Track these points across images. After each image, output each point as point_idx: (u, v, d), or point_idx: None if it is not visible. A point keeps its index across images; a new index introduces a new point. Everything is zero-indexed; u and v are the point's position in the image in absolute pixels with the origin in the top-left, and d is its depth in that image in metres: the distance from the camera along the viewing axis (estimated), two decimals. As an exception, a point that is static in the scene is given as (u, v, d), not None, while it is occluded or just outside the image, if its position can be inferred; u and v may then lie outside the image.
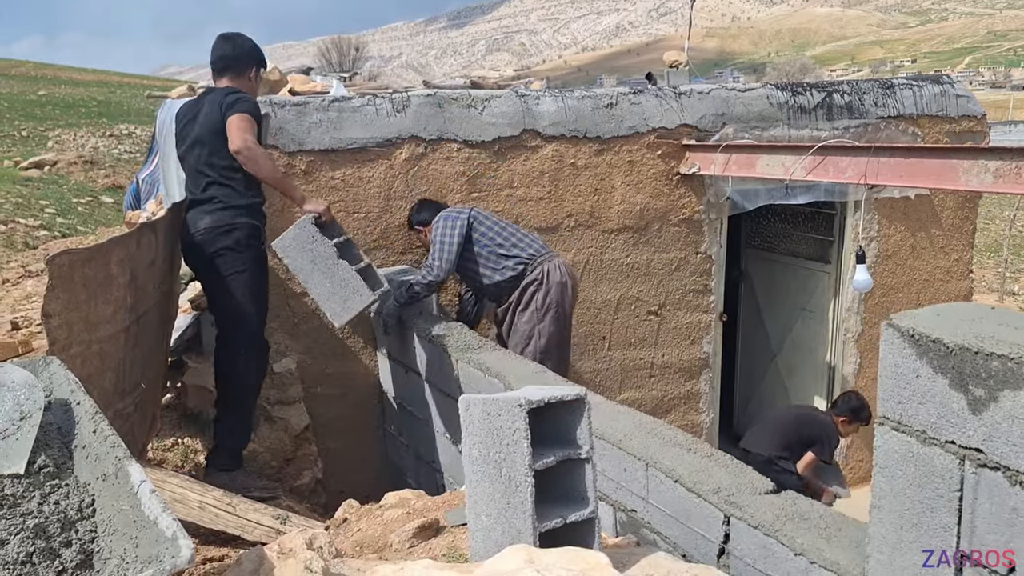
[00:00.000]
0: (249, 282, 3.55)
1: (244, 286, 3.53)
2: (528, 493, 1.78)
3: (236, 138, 3.40)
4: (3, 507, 1.75)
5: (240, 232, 3.51)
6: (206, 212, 3.53)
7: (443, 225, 4.03)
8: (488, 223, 4.09)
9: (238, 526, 2.67)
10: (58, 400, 2.04)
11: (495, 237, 4.06)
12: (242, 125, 3.44)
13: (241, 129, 3.42)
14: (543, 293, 3.98)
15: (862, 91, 5.49)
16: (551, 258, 4.11)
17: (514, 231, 4.13)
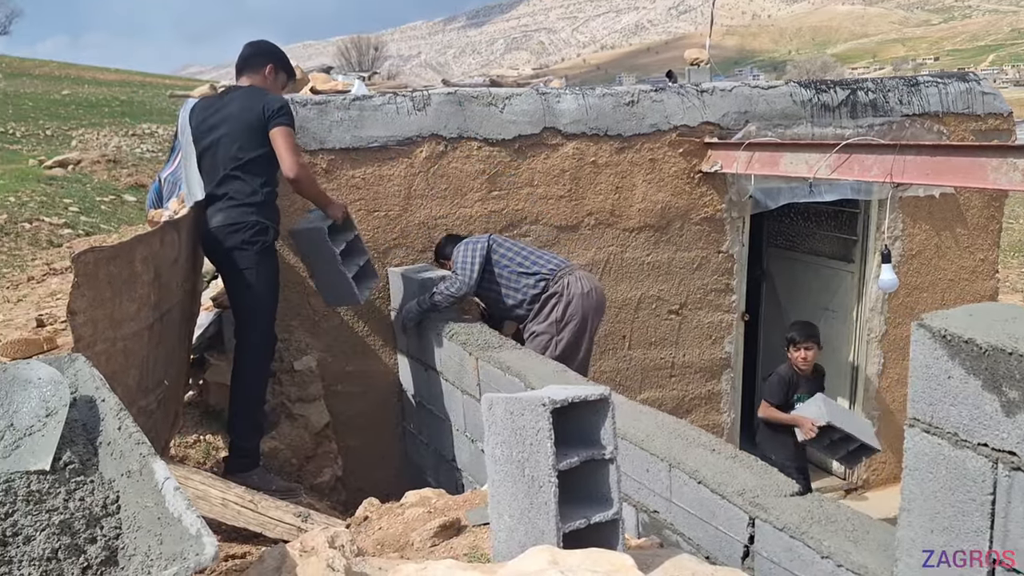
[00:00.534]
0: (257, 279, 3.55)
1: (253, 283, 3.54)
2: (552, 494, 1.76)
3: (290, 163, 3.50)
4: (29, 503, 1.76)
5: (250, 230, 3.52)
6: (219, 209, 3.55)
7: (464, 250, 4.11)
8: (507, 246, 4.17)
9: (260, 523, 2.67)
10: (83, 397, 2.04)
11: (514, 257, 4.12)
12: (290, 144, 3.53)
13: (291, 150, 3.52)
14: (563, 305, 3.97)
15: (887, 89, 5.43)
16: (572, 271, 4.10)
17: (532, 251, 4.19)
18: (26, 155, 16.12)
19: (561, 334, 3.96)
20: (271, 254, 3.62)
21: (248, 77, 3.76)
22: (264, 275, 3.58)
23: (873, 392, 5.73)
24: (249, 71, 3.77)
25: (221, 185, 3.58)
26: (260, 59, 3.78)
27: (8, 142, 17.64)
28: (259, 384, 3.67)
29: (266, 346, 3.69)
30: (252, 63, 3.77)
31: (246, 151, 3.54)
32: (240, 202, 3.52)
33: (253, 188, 3.54)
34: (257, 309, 3.60)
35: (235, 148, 3.56)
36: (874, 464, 5.86)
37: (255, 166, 3.54)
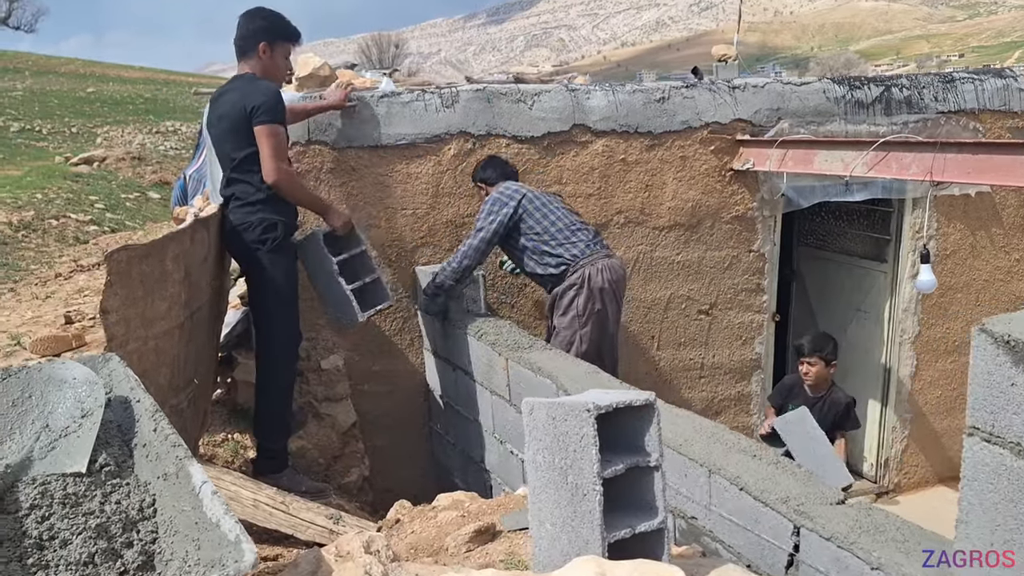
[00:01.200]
0: (273, 277, 3.47)
1: (268, 281, 3.47)
2: (597, 502, 1.71)
3: (268, 167, 3.35)
4: (65, 506, 1.74)
5: (257, 228, 3.42)
6: (230, 210, 3.49)
7: (488, 209, 4.00)
8: (538, 215, 4.00)
9: (291, 525, 2.65)
10: (118, 397, 2.02)
11: (542, 233, 3.98)
12: (272, 145, 3.35)
13: (272, 151, 3.35)
14: (584, 298, 3.89)
15: (921, 85, 5.32)
16: (595, 261, 3.95)
17: (564, 227, 4.01)
18: (52, 152, 16.27)
19: (585, 328, 3.91)
20: (284, 251, 3.52)
21: (245, 63, 3.55)
22: (279, 272, 3.48)
23: (906, 394, 5.63)
24: (244, 58, 3.55)
25: (227, 187, 3.53)
26: (251, 40, 3.51)
27: (34, 139, 17.82)
28: (284, 384, 3.60)
29: (289, 345, 3.62)
30: (244, 48, 3.53)
31: (237, 150, 3.43)
32: (244, 202, 3.44)
33: (255, 186, 3.43)
34: (276, 307, 3.52)
35: (228, 148, 3.48)
36: (905, 468, 5.76)
37: (250, 163, 3.42)
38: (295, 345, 3.68)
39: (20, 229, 9.45)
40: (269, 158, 3.34)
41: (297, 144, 4.12)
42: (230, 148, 3.46)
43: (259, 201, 3.42)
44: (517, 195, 4.01)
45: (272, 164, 3.34)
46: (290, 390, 3.66)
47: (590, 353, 3.93)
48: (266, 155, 3.34)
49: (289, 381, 3.64)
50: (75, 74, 35.87)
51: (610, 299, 3.97)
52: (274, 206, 3.45)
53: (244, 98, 3.37)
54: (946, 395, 5.73)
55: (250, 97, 3.36)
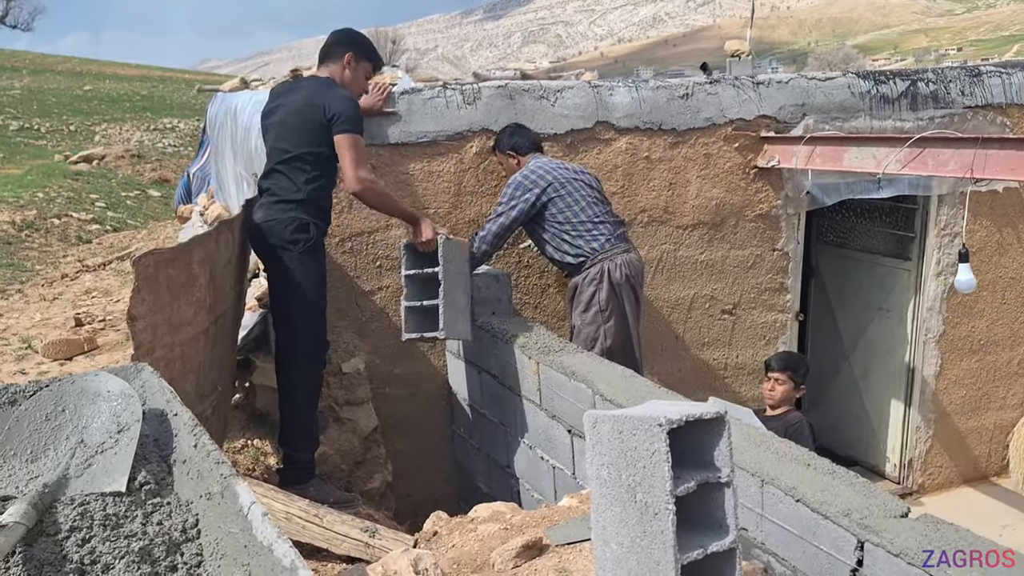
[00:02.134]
0: (302, 280, 3.36)
1: (296, 284, 3.36)
2: (669, 522, 1.62)
3: (351, 176, 3.31)
4: (107, 528, 1.64)
5: (289, 227, 3.33)
6: (261, 205, 3.41)
7: (511, 193, 3.93)
8: (562, 204, 3.91)
9: (325, 539, 2.55)
10: (153, 410, 1.92)
11: (564, 223, 3.91)
12: (355, 156, 3.32)
13: (355, 162, 3.31)
14: (605, 293, 3.84)
15: (948, 79, 5.22)
16: (614, 256, 3.91)
17: (587, 218, 3.92)
18: (51, 150, 16.15)
19: (608, 323, 3.85)
20: (315, 253, 3.42)
21: (326, 67, 3.57)
22: (308, 275, 3.37)
23: (930, 394, 5.54)
24: (329, 60, 3.57)
25: (267, 178, 3.45)
26: (339, 48, 3.57)
27: (33, 137, 17.70)
28: (310, 392, 3.49)
29: (316, 352, 3.51)
30: (332, 52, 3.57)
31: (296, 146, 3.37)
32: (280, 198, 3.36)
33: (296, 184, 3.36)
34: (302, 312, 3.40)
35: (284, 141, 3.42)
36: (930, 469, 5.68)
37: (302, 163, 3.36)
38: (322, 352, 3.56)
39: (23, 228, 9.35)
40: (352, 167, 3.31)
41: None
42: (288, 142, 3.38)
43: (295, 201, 3.34)
44: (543, 181, 3.92)
45: (355, 173, 3.31)
46: (316, 398, 3.55)
47: (615, 349, 3.87)
48: (349, 164, 3.31)
49: (315, 389, 3.53)
50: (72, 72, 35.70)
51: (629, 293, 3.92)
52: (310, 208, 3.37)
53: (323, 99, 3.34)
54: (971, 394, 5.65)
55: (332, 102, 3.33)
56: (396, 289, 4.29)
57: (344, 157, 3.31)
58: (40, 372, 4.21)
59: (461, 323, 3.63)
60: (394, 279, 4.26)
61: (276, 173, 3.40)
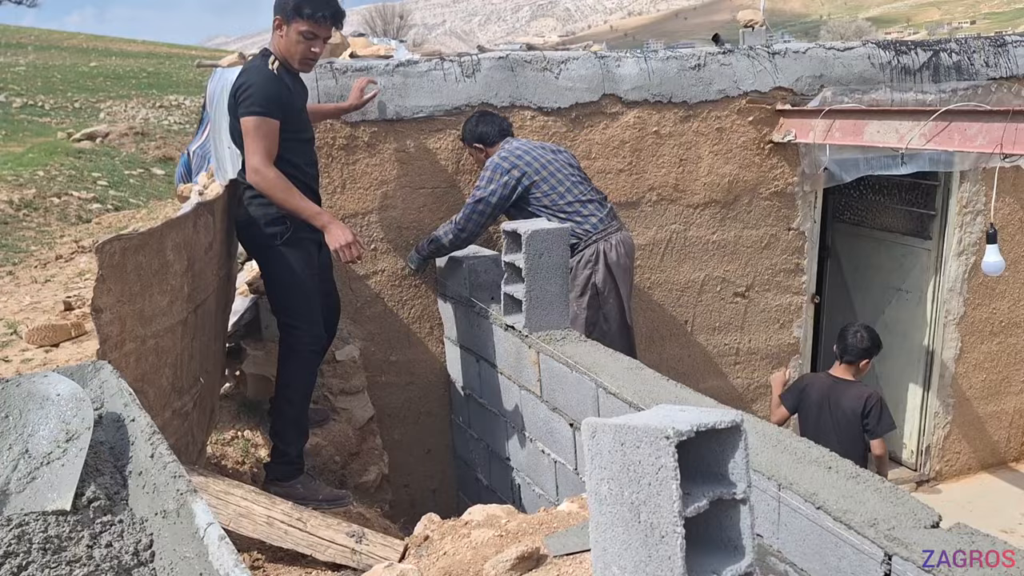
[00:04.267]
0: (284, 273, 3.16)
1: (280, 278, 3.18)
2: (678, 545, 1.44)
3: (249, 163, 3.01)
4: (46, 553, 1.46)
5: (262, 223, 3.10)
6: (245, 201, 3.18)
7: (489, 176, 3.72)
8: (546, 186, 3.70)
9: (309, 544, 2.39)
10: (110, 414, 1.75)
11: (550, 206, 3.70)
12: (249, 143, 2.99)
13: (252, 149, 2.99)
14: (601, 276, 3.66)
15: (971, 50, 4.96)
16: (608, 235, 3.72)
17: (574, 199, 3.72)
18: (55, 128, 16.00)
19: (606, 306, 3.68)
20: (298, 245, 3.14)
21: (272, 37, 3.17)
22: (292, 269, 3.14)
23: (949, 378, 5.34)
24: (273, 30, 3.16)
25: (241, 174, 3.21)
26: (275, 12, 3.10)
27: (37, 115, 17.53)
28: (303, 385, 3.27)
29: (309, 344, 3.26)
30: (274, 21, 3.13)
31: (237, 137, 3.13)
32: (253, 194, 3.11)
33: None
34: (292, 307, 3.20)
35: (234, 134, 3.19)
36: (947, 455, 5.49)
37: None
38: (316, 343, 3.30)
39: (21, 208, 9.20)
40: (249, 150, 3.00)
41: (307, 118, 3.81)
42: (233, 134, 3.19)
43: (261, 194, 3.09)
44: (522, 163, 3.72)
45: (250, 159, 3.00)
46: (309, 391, 3.32)
47: (614, 332, 3.71)
48: (247, 145, 3.00)
49: (309, 382, 3.30)
50: (78, 48, 35.48)
51: (624, 274, 3.75)
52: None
53: (239, 84, 3.04)
54: (991, 378, 5.44)
55: (236, 82, 3.04)
56: (391, 273, 4.10)
57: (246, 138, 3.00)
58: (23, 360, 4.05)
59: (553, 314, 3.39)
60: (389, 263, 4.08)
61: (242, 170, 3.15)
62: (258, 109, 2.97)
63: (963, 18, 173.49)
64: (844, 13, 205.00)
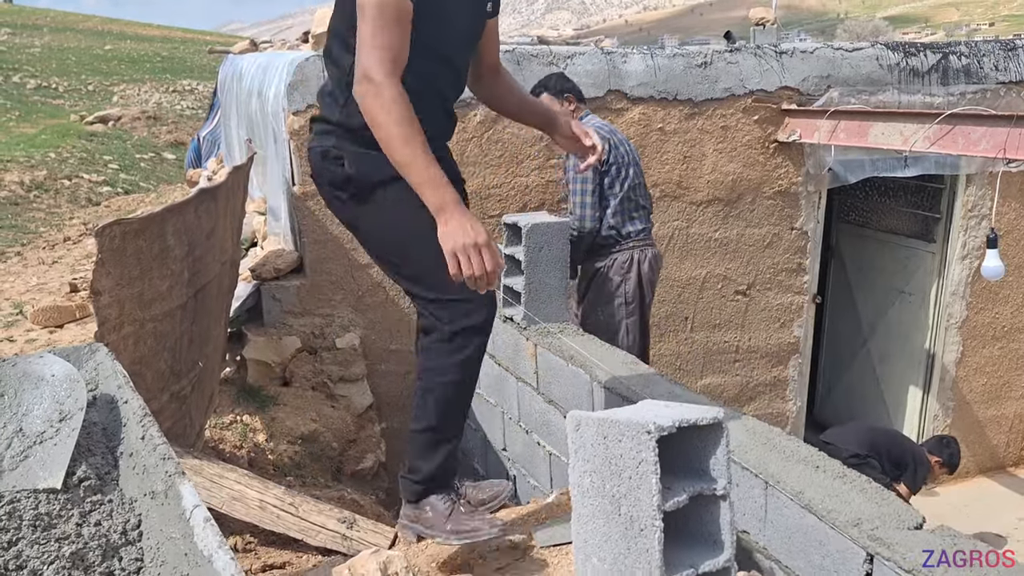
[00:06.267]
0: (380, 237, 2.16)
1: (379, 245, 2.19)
2: (655, 539, 1.46)
3: (360, 64, 1.86)
4: (36, 529, 1.50)
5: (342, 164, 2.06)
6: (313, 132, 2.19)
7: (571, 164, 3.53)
8: (622, 176, 3.55)
9: (300, 529, 2.42)
10: (104, 396, 1.78)
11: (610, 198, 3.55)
12: (371, 30, 1.84)
13: (369, 41, 1.84)
14: (633, 285, 3.59)
15: (981, 53, 4.95)
16: (644, 248, 3.62)
17: (637, 196, 3.61)
18: (68, 110, 16.07)
19: (632, 317, 3.62)
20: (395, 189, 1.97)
21: None
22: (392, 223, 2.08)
23: (949, 382, 5.34)
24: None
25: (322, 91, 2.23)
26: None
27: (51, 96, 17.62)
28: (449, 384, 2.22)
29: (457, 322, 2.12)
30: None
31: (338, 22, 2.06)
32: (325, 118, 2.12)
33: (336, 93, 2.07)
34: (414, 275, 2.14)
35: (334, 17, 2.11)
36: (946, 458, 5.48)
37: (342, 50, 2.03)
38: (472, 320, 2.13)
39: (32, 189, 9.26)
40: (363, 42, 1.90)
41: (313, 107, 3.83)
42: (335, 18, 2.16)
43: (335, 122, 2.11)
44: (613, 138, 3.54)
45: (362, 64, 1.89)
46: (463, 395, 2.27)
47: (637, 343, 3.66)
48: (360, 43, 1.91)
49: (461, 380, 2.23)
50: (93, 31, 35.57)
51: (649, 290, 3.70)
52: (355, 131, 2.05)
53: None
54: (992, 383, 5.44)
55: None
56: (394, 262, 4.13)
57: (362, 21, 1.87)
58: (28, 340, 4.10)
59: (551, 307, 3.36)
60: (392, 252, 4.10)
61: (331, 80, 2.14)
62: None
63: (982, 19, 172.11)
64: (862, 12, 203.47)
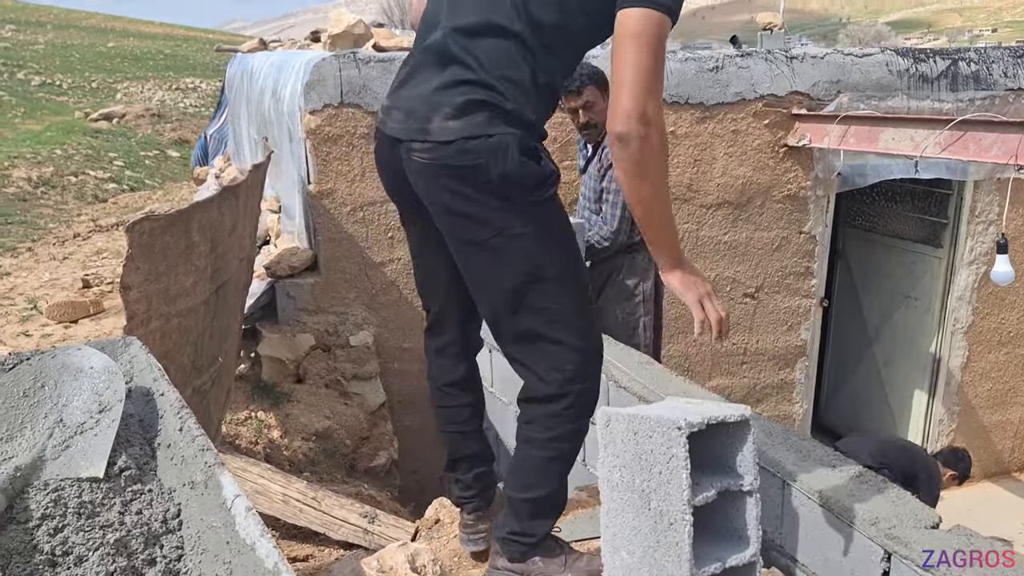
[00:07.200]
0: (549, 251, 1.81)
1: (533, 261, 1.79)
2: (686, 533, 1.49)
3: (638, 94, 1.59)
4: (81, 517, 1.53)
5: (539, 160, 1.77)
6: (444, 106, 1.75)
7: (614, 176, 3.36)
8: None
9: (323, 523, 2.46)
10: (139, 388, 1.81)
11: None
12: (641, 56, 1.60)
13: (638, 71, 1.60)
14: (650, 285, 3.63)
15: (990, 60, 4.98)
16: None
17: None
18: (72, 107, 16.11)
19: (649, 315, 3.66)
20: (558, 206, 1.85)
21: None
22: (560, 239, 1.85)
23: (955, 386, 5.37)
24: None
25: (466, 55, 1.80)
26: None
27: (55, 93, 17.66)
28: (571, 449, 1.90)
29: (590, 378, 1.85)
30: None
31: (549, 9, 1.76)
32: (508, 112, 1.76)
33: (525, 90, 1.78)
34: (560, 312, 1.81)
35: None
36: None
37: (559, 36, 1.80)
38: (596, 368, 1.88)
39: (39, 185, 9.30)
40: (633, 82, 1.63)
41: (329, 107, 3.88)
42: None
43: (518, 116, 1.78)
44: None
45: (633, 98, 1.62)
46: (576, 452, 1.92)
47: (654, 342, 3.70)
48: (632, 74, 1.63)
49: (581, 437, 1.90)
50: (96, 28, 35.64)
51: (665, 290, 3.74)
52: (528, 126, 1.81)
53: None
54: (997, 388, 5.48)
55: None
56: (407, 261, 4.15)
57: (629, 47, 1.62)
58: (44, 335, 4.13)
59: None
60: (405, 251, 4.12)
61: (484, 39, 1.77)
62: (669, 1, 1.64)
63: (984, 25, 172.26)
64: (864, 16, 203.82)
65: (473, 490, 2.23)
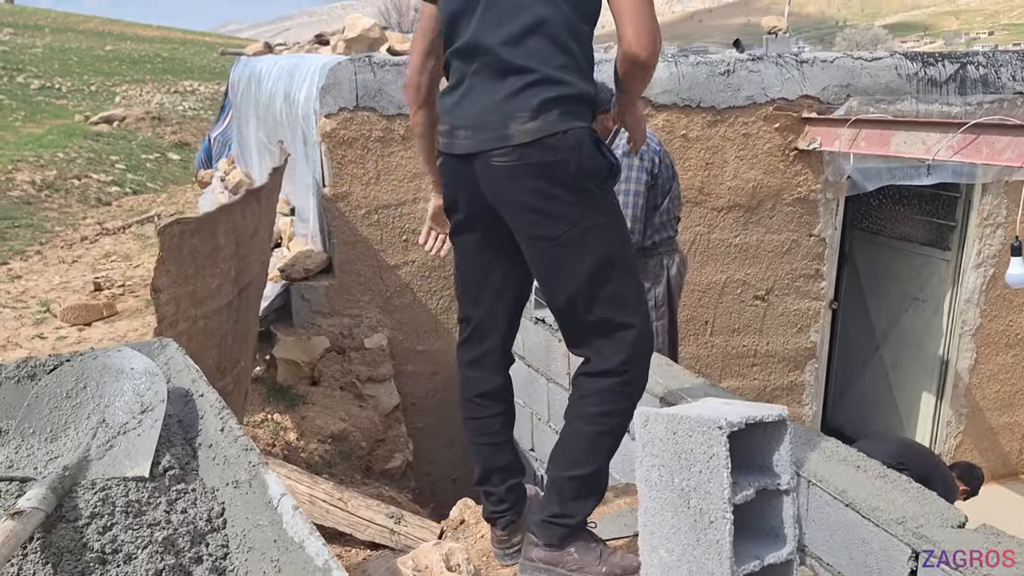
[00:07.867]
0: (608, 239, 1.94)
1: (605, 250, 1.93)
2: (726, 531, 1.51)
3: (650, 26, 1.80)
4: (129, 515, 1.55)
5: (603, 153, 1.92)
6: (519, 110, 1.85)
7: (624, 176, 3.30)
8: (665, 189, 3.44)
9: (349, 523, 2.47)
10: (177, 389, 1.83)
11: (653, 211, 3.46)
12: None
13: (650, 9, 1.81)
14: (661, 290, 3.62)
15: (999, 63, 5.02)
16: (672, 254, 3.60)
17: (674, 208, 3.56)
18: (72, 110, 16.11)
19: (661, 320, 3.67)
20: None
21: None
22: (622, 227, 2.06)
23: (963, 388, 5.40)
24: None
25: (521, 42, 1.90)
26: None
27: (55, 97, 17.65)
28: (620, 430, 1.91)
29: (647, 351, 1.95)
30: None
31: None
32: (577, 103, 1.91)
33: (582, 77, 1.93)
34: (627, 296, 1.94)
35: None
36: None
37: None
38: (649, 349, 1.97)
39: (43, 188, 9.30)
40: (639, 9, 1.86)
41: (345, 110, 3.90)
42: None
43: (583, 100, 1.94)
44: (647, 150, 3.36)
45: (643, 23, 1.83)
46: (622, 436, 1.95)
47: (667, 346, 3.72)
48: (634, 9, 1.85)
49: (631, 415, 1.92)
50: (94, 32, 35.62)
51: (676, 296, 3.75)
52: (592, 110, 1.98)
53: None
54: (1005, 390, 5.51)
55: None
56: (421, 264, 4.18)
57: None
58: (59, 337, 4.14)
59: None
60: (420, 253, 4.15)
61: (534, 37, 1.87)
62: None
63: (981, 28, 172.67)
64: (861, 20, 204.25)
65: (506, 503, 2.24)
